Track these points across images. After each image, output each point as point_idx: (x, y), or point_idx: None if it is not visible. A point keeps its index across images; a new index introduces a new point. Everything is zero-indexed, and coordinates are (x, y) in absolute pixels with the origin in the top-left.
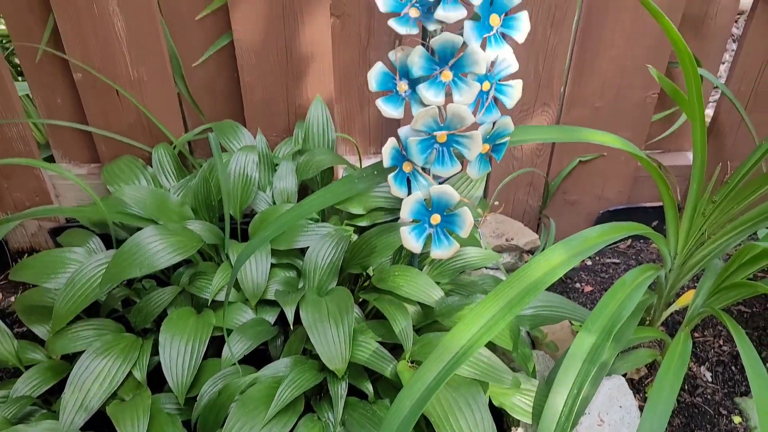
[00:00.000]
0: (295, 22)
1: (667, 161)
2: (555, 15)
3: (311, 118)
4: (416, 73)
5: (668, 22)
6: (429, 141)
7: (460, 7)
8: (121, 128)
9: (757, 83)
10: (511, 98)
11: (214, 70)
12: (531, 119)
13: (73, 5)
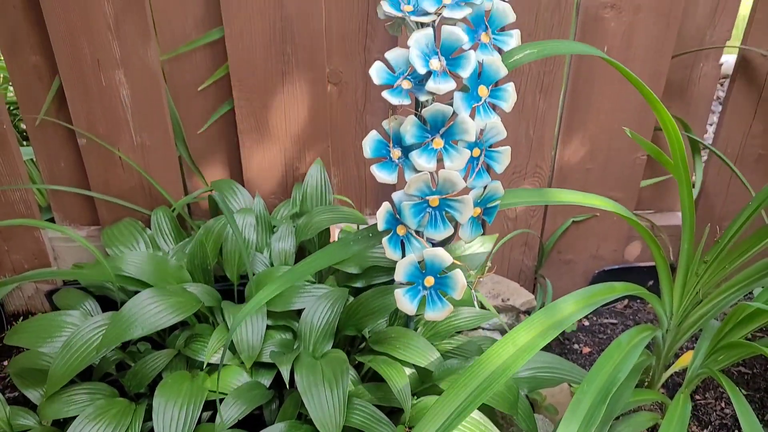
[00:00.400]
0: (294, 89)
1: (659, 221)
2: (543, 82)
3: (309, 180)
4: (409, 141)
5: (649, 92)
6: (422, 205)
7: (450, 80)
8: (121, 191)
9: (743, 145)
10: (501, 164)
11: (214, 135)
12: (524, 181)
13: (82, 76)
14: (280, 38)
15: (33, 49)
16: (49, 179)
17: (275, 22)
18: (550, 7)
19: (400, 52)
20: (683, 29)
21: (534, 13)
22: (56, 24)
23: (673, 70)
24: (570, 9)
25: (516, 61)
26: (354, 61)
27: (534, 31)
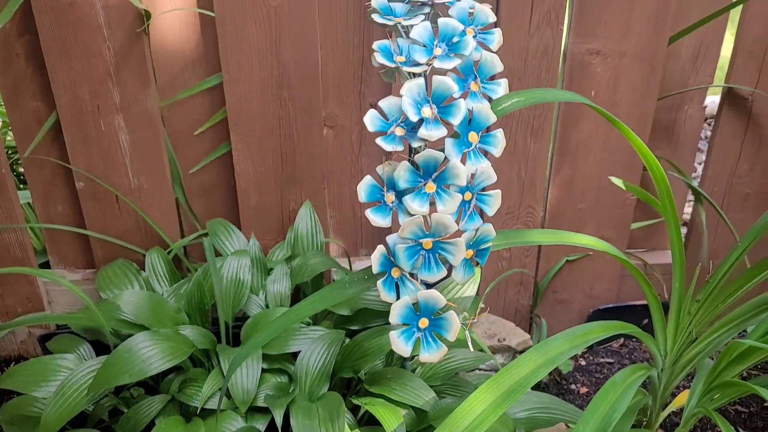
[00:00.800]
0: (291, 133)
1: (651, 259)
2: (534, 125)
3: (299, 222)
4: (402, 185)
5: (634, 136)
6: (415, 248)
7: (441, 127)
8: (117, 233)
9: (730, 184)
10: (492, 207)
11: (212, 177)
12: (517, 221)
13: (81, 121)
14: (278, 84)
15: (34, 96)
16: (46, 222)
17: (273, 68)
18: (538, 53)
19: (393, 101)
20: (667, 74)
21: (523, 59)
22: (58, 72)
23: (659, 113)
24: (557, 55)
25: (504, 108)
26: (349, 105)
27: (523, 75)
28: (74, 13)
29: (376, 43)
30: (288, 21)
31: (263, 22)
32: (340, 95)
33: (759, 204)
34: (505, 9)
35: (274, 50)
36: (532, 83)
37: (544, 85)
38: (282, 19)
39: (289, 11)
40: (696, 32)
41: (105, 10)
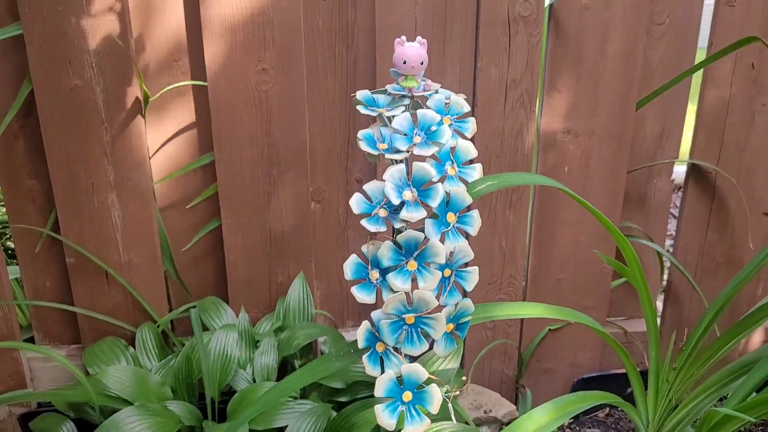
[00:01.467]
0: (279, 208)
1: (631, 327)
2: (512, 199)
3: (292, 294)
4: (386, 263)
5: (599, 214)
6: (399, 323)
7: (421, 209)
8: (105, 308)
9: (701, 254)
10: (470, 282)
11: (201, 250)
12: (500, 291)
13: (75, 198)
14: (267, 161)
15: (29, 175)
16: (33, 297)
17: (263, 147)
18: (513, 133)
19: (376, 185)
20: (635, 151)
21: (499, 139)
22: (56, 151)
23: (630, 185)
24: (531, 134)
25: (479, 191)
26: (336, 181)
27: (500, 153)
28: (75, 97)
29: (361, 132)
30: (278, 103)
31: (255, 105)
32: (327, 171)
33: (730, 272)
34: (481, 93)
35: (264, 130)
36: (508, 160)
37: (519, 162)
38: (272, 102)
39: (279, 94)
40: (659, 114)
41: (104, 93)
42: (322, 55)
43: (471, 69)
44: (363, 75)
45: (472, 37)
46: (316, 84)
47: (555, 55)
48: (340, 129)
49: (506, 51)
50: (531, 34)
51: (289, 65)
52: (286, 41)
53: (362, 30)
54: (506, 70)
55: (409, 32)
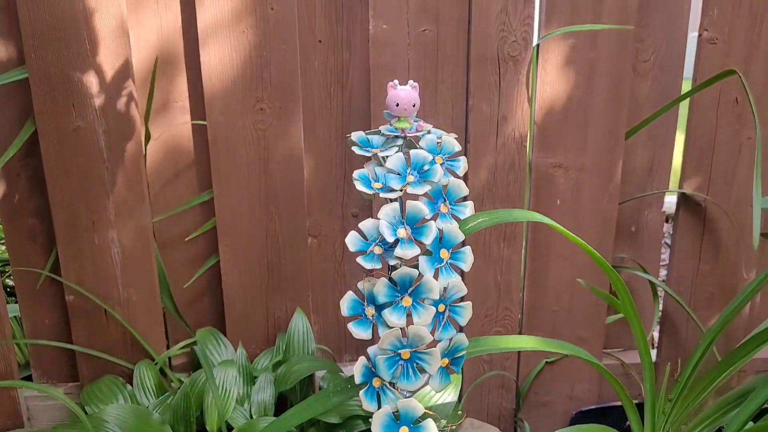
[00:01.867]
0: (277, 243)
1: (628, 359)
2: (506, 232)
3: (292, 329)
4: (381, 300)
5: (587, 247)
6: (395, 358)
7: (415, 246)
8: (104, 346)
9: (694, 284)
10: (464, 317)
11: (198, 287)
12: (496, 324)
13: (76, 236)
14: (265, 197)
15: (30, 213)
16: (31, 335)
17: (261, 184)
18: (505, 167)
19: (371, 223)
20: (626, 183)
21: (492, 173)
22: (57, 191)
23: (622, 217)
24: (523, 168)
25: (471, 227)
26: (333, 216)
27: (493, 187)
28: (77, 138)
29: (356, 173)
30: (275, 141)
31: (253, 143)
32: (324, 206)
33: (724, 302)
34: (474, 129)
35: (262, 168)
36: (501, 194)
37: (512, 195)
38: (270, 140)
39: (276, 132)
40: (648, 146)
41: (106, 134)
42: (318, 95)
43: (463, 106)
44: (357, 113)
45: (463, 76)
46: (313, 122)
47: (544, 92)
48: (336, 165)
49: (496, 89)
50: (520, 72)
51: (285, 104)
52: (283, 81)
53: (357, 70)
54: (497, 107)
55: (402, 72)
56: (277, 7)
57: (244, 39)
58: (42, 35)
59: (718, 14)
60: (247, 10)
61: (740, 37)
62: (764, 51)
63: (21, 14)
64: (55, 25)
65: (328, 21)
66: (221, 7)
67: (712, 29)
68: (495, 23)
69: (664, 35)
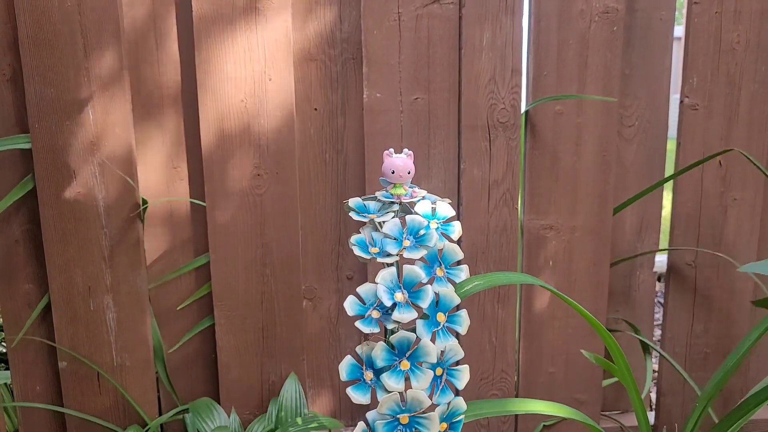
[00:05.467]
0: (272, 306)
1: (627, 421)
2: (500, 293)
3: (284, 394)
4: (380, 364)
5: (582, 310)
6: (393, 423)
7: (412, 310)
8: (96, 411)
9: (689, 345)
10: (461, 381)
11: (192, 351)
12: (492, 387)
13: (71, 302)
14: (261, 262)
15: (27, 279)
16: (23, 401)
17: (257, 248)
18: (497, 229)
19: (369, 287)
20: (616, 244)
21: (485, 235)
22: (55, 257)
23: (614, 278)
24: (515, 230)
25: (466, 291)
26: (328, 279)
27: (486, 249)
28: (77, 206)
29: (354, 238)
30: (272, 206)
31: (249, 209)
32: (319, 269)
33: (719, 362)
34: (466, 193)
35: (258, 233)
36: (495, 255)
37: (505, 257)
38: (266, 205)
39: (273, 198)
40: (636, 209)
41: (105, 201)
42: (313, 161)
43: (455, 170)
44: (352, 178)
45: (454, 142)
46: (308, 187)
47: (533, 157)
48: (331, 229)
49: (487, 154)
50: (510, 138)
51: (282, 171)
52: (279, 148)
53: (351, 136)
54: (488, 171)
55: (396, 138)
56: (275, 77)
57: (243, 108)
58: (46, 108)
59: (698, 82)
60: (246, 81)
61: (719, 103)
62: (744, 115)
63: (27, 89)
64: (58, 97)
65: (323, 90)
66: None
67: (693, 96)
68: (484, 91)
69: (647, 101)
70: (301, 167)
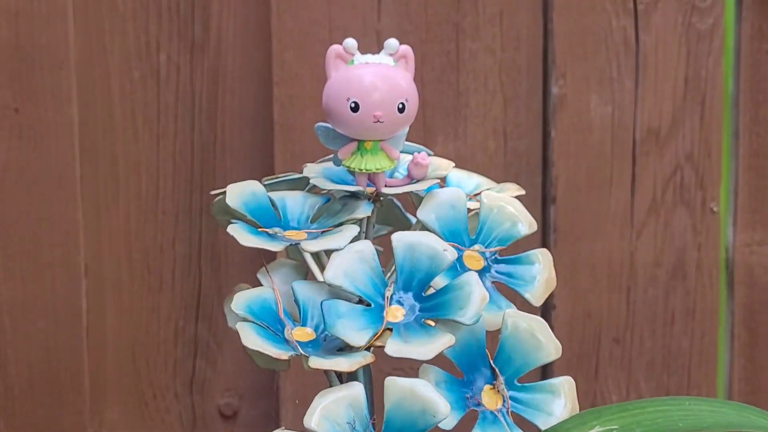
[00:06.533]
0: None
1: None
2: None
3: None
4: None
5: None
6: None
7: None
8: None
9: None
10: None
11: None
12: None
13: None
14: None
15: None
16: None
17: None
18: (661, 262)
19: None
20: None
21: (624, 279)
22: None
23: None
24: (714, 262)
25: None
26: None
27: (628, 312)
28: None
29: (239, 300)
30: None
31: None
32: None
33: None
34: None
35: None
36: (653, 324)
37: (680, 328)
38: None
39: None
40: None
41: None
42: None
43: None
44: (228, 131)
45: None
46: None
47: None
48: (178, 273)
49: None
50: None
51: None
52: None
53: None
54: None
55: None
56: None
57: None
58: None
59: None
60: None
61: None
62: None
63: None
64: None
65: None
66: None
67: None
68: None
69: None
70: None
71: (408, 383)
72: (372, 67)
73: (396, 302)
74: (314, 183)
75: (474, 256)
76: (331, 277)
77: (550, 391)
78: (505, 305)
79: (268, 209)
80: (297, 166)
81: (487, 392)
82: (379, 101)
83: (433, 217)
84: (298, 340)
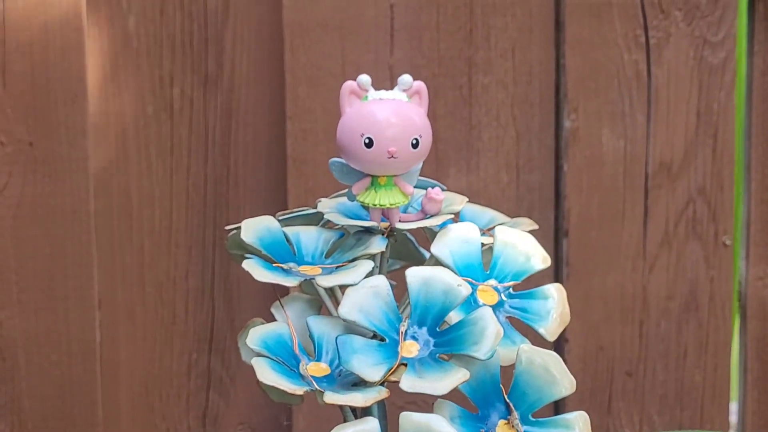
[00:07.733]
0: None
1: None
2: None
3: None
4: None
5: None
6: None
7: None
8: None
9: None
10: None
11: None
12: None
13: None
14: None
15: None
16: None
17: None
18: (672, 296)
19: None
20: None
21: (636, 314)
22: None
23: None
24: (726, 298)
25: None
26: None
27: (640, 351)
28: None
29: (253, 337)
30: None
31: None
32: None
33: None
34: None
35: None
36: (664, 362)
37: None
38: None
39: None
40: None
41: None
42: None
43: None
44: (242, 168)
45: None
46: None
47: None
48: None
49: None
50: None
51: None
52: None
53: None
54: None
55: (374, 36)
56: None
57: None
58: None
59: None
60: None
61: None
62: None
63: None
64: None
65: None
66: None
67: None
68: None
69: None
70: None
71: (423, 419)
72: (386, 103)
73: (410, 337)
74: (328, 218)
75: (488, 291)
76: (345, 312)
77: (565, 426)
78: (519, 340)
79: (283, 244)
80: (310, 201)
81: (502, 427)
82: (393, 137)
83: (447, 252)
84: (313, 375)
